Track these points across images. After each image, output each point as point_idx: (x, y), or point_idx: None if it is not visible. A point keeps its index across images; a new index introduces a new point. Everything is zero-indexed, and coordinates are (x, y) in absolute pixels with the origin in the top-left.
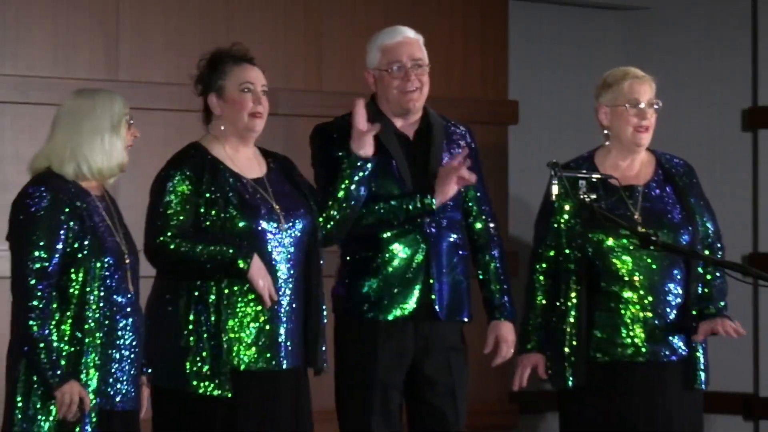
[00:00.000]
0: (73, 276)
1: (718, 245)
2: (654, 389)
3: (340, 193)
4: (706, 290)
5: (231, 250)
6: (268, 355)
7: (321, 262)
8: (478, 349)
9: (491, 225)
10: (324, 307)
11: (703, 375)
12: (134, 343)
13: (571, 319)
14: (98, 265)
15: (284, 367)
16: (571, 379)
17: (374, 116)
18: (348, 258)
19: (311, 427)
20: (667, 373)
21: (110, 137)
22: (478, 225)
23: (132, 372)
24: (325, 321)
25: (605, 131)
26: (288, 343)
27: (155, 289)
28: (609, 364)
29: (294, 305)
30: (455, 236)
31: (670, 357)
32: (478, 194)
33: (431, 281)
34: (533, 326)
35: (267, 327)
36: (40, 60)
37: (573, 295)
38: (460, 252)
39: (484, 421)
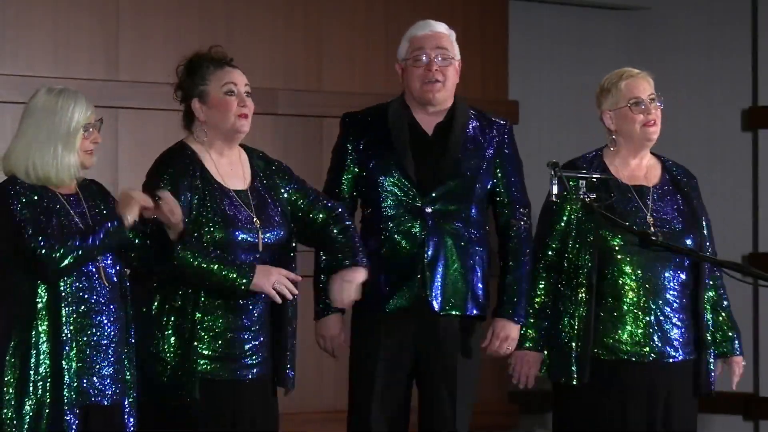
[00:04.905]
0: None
1: (709, 251)
2: (656, 389)
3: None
4: (720, 318)
5: (232, 275)
6: (232, 365)
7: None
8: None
9: (522, 220)
10: (295, 320)
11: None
12: (113, 337)
13: (579, 316)
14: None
15: (248, 378)
16: (575, 377)
17: (399, 110)
18: None
19: None
20: (670, 373)
21: (63, 148)
22: (504, 218)
23: (114, 366)
24: (295, 339)
25: (612, 136)
26: (253, 355)
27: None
28: (612, 362)
29: (264, 318)
30: (459, 226)
31: (674, 358)
32: (513, 188)
33: (427, 273)
34: (532, 324)
35: (232, 337)
36: (40, 60)
37: (582, 290)
38: (462, 243)
39: (484, 421)
